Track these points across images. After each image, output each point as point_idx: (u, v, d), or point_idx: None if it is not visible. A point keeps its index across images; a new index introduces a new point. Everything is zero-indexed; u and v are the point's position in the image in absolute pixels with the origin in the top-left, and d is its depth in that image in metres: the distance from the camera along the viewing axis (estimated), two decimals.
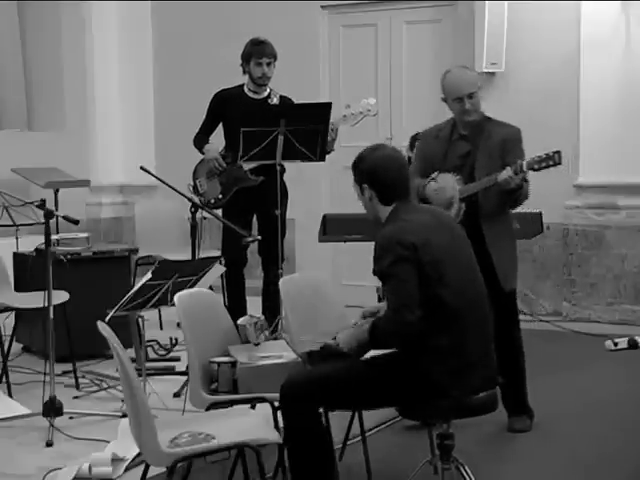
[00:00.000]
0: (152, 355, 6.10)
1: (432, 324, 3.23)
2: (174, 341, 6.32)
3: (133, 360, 5.24)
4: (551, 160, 4.33)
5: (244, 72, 6.13)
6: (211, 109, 6.25)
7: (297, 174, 6.26)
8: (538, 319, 7.45)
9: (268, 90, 6.16)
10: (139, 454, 3.92)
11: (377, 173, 3.46)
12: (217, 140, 6.29)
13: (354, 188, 3.55)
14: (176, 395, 5.17)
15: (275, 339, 4.09)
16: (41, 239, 4.89)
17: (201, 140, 6.24)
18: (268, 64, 6.03)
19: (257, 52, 6.01)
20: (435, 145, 4.60)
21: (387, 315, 3.28)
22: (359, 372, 3.40)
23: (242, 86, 6.19)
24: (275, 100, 6.09)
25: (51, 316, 4.60)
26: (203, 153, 6.23)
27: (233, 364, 3.66)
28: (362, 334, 3.40)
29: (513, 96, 7.68)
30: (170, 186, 5.48)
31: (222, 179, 6.16)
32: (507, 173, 4.32)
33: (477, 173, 4.50)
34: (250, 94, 6.15)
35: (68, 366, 5.52)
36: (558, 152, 4.31)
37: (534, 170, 4.36)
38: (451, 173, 4.47)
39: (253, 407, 3.68)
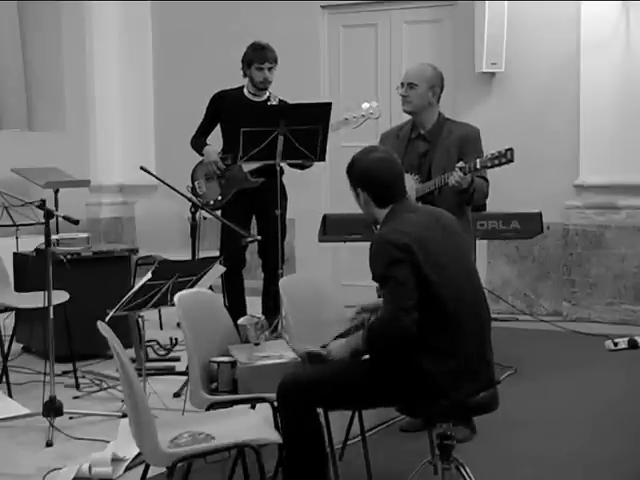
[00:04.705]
0: (152, 355, 6.10)
1: (429, 324, 3.22)
2: (174, 341, 6.33)
3: (133, 360, 5.24)
4: (503, 157, 4.35)
5: (244, 75, 6.13)
6: (209, 110, 6.25)
7: (297, 174, 6.25)
8: (538, 319, 7.46)
9: (267, 93, 6.16)
10: (139, 454, 3.92)
11: (370, 176, 3.44)
12: (215, 142, 6.29)
13: (351, 191, 3.54)
14: (176, 395, 5.17)
15: (275, 339, 4.08)
16: (41, 239, 4.89)
17: (199, 142, 6.24)
18: (270, 69, 6.04)
19: (259, 57, 6.02)
20: (395, 145, 4.62)
21: (383, 318, 3.25)
22: (358, 371, 3.39)
23: (242, 88, 6.19)
24: (274, 103, 6.09)
25: (51, 316, 4.60)
26: (202, 155, 6.23)
27: (233, 364, 3.66)
28: (355, 342, 3.39)
29: (513, 96, 7.69)
30: (170, 186, 5.48)
31: (221, 181, 6.17)
32: (456, 175, 4.35)
33: (434, 172, 4.55)
34: (249, 96, 6.16)
35: (68, 366, 5.52)
36: (510, 149, 4.33)
37: (487, 167, 4.39)
38: (409, 172, 4.49)
39: (253, 407, 3.68)
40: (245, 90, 6.18)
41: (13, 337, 5.72)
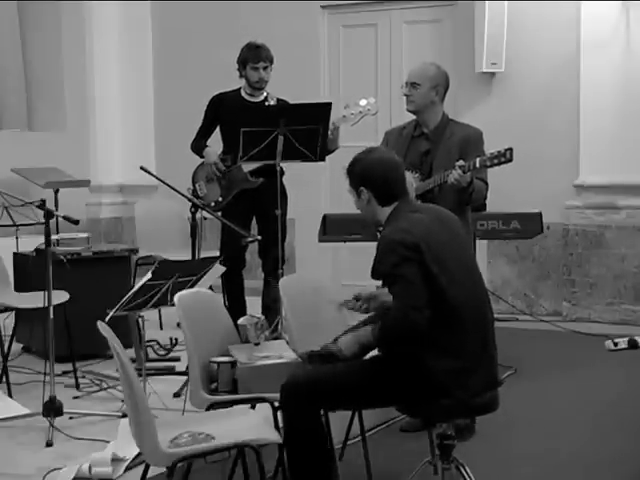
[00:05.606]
0: (152, 355, 6.10)
1: (434, 323, 3.22)
2: (174, 341, 6.33)
3: (133, 360, 5.24)
4: (503, 157, 4.36)
5: (240, 76, 6.13)
6: (208, 112, 6.25)
7: (297, 174, 6.25)
8: (538, 319, 7.46)
9: (265, 93, 6.16)
10: (139, 454, 3.92)
11: (374, 174, 3.45)
12: (214, 144, 6.29)
13: (350, 193, 3.54)
14: (176, 395, 5.17)
15: (275, 339, 4.08)
16: (41, 239, 4.89)
17: (199, 144, 6.24)
18: (265, 68, 6.04)
19: (253, 57, 6.01)
20: (398, 143, 4.63)
21: (396, 318, 3.24)
22: (361, 371, 3.39)
23: (239, 90, 6.19)
24: (272, 103, 6.09)
25: (51, 316, 4.60)
26: (203, 157, 6.23)
27: (233, 364, 3.66)
28: (365, 337, 3.38)
29: (513, 96, 7.69)
30: (170, 186, 5.48)
31: (222, 182, 6.16)
32: (456, 173, 4.36)
33: (435, 171, 4.56)
34: (247, 97, 6.15)
35: (68, 366, 5.52)
36: (510, 149, 4.34)
37: (486, 167, 4.41)
38: (410, 170, 4.50)
39: (253, 407, 3.68)
40: (242, 91, 6.17)
41: (13, 337, 5.72)
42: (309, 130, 5.39)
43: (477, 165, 4.37)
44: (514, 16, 7.55)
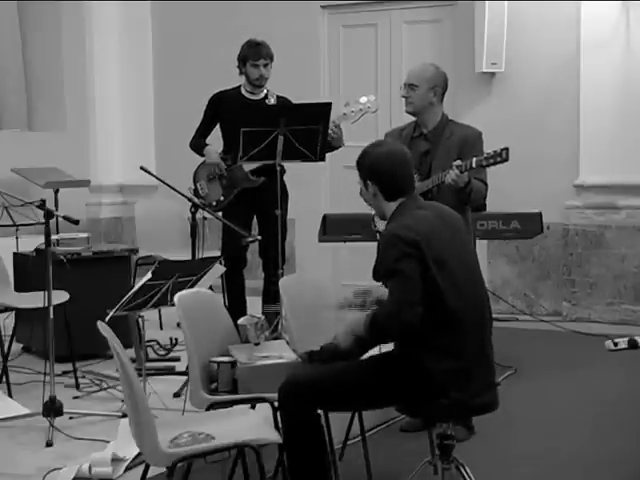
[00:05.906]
0: (152, 355, 6.10)
1: (432, 323, 3.22)
2: (174, 341, 6.33)
3: (133, 360, 5.24)
4: (499, 157, 4.37)
5: (240, 73, 6.14)
6: (208, 111, 6.25)
7: (297, 174, 6.25)
8: (538, 319, 7.46)
9: (265, 91, 6.16)
10: (139, 454, 3.92)
11: (381, 168, 3.43)
12: (214, 142, 6.29)
13: (360, 185, 3.53)
14: (176, 395, 5.17)
15: (275, 339, 4.08)
16: (41, 239, 4.89)
17: (199, 143, 6.23)
18: (265, 65, 6.04)
19: (253, 54, 6.02)
20: None
21: (388, 310, 3.24)
22: (359, 371, 3.39)
23: (239, 87, 6.19)
24: (272, 101, 6.10)
25: (51, 316, 4.60)
26: (203, 156, 6.22)
27: (233, 364, 3.66)
28: (358, 328, 3.37)
29: (513, 96, 7.69)
30: (170, 186, 5.48)
31: (223, 181, 6.16)
32: (452, 173, 4.36)
33: (434, 171, 4.56)
34: (247, 95, 6.16)
35: (68, 366, 5.52)
36: (506, 149, 4.35)
37: (483, 166, 4.41)
38: None
39: (253, 407, 3.68)
40: (242, 89, 6.17)
41: (13, 337, 5.72)
42: (309, 130, 5.39)
43: (473, 165, 4.37)
44: (514, 16, 7.55)
